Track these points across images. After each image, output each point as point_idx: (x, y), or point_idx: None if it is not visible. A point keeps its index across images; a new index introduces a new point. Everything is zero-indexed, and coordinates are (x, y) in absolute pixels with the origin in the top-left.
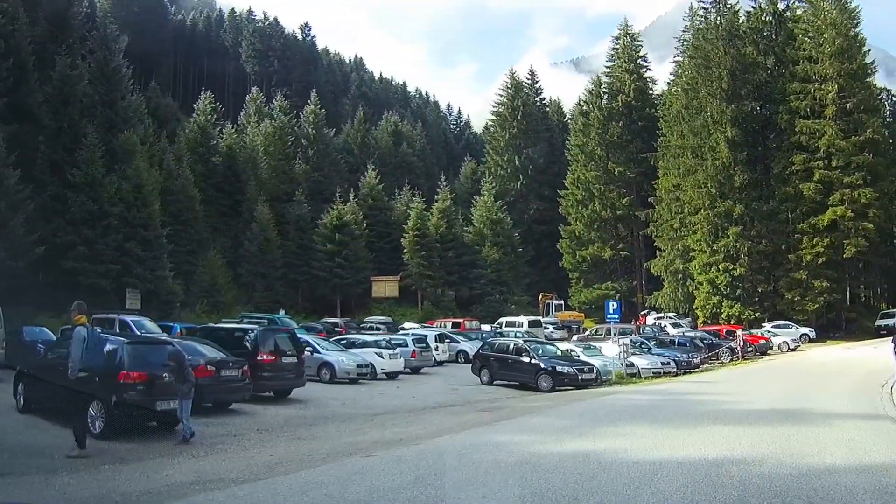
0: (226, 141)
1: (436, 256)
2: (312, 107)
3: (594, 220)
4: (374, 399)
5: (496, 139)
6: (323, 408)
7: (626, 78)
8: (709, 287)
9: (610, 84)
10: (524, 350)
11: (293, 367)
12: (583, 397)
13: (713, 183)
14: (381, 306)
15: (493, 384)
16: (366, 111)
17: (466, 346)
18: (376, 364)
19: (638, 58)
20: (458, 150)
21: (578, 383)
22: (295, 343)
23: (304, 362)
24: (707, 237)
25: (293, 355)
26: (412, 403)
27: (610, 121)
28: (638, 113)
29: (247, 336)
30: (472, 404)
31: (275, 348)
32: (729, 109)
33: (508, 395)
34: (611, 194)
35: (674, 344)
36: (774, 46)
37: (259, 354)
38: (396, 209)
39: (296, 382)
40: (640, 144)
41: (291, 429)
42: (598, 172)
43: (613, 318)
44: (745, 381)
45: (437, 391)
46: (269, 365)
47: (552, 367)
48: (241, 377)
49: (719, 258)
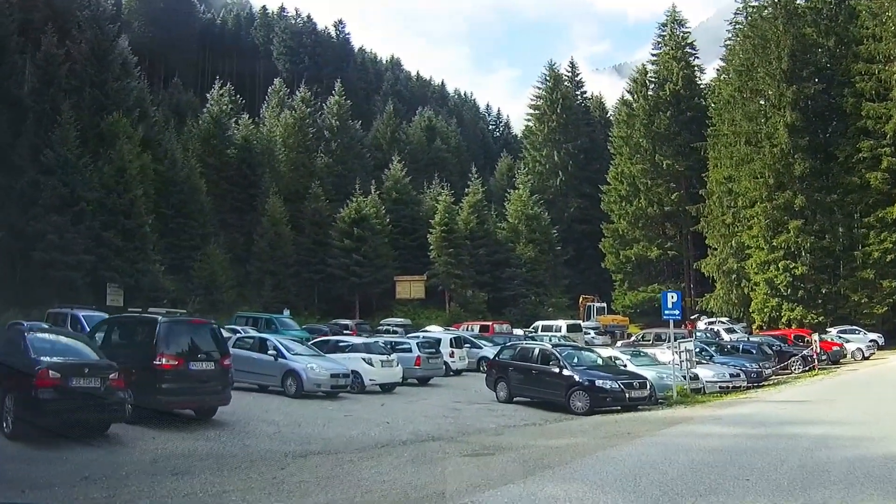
0: (242, 132)
1: (465, 254)
2: (336, 97)
3: (639, 217)
4: (328, 424)
5: (534, 134)
6: (239, 439)
7: (674, 66)
8: (766, 288)
9: (656, 73)
10: (552, 357)
11: (211, 375)
12: (635, 429)
13: (771, 172)
14: (405, 308)
15: (511, 402)
16: (397, 106)
17: (489, 353)
18: (363, 373)
19: (685, 45)
20: (495, 151)
21: (626, 403)
22: (217, 342)
23: (230, 369)
24: (764, 232)
25: (211, 360)
26: (375, 435)
27: (656, 111)
28: (686, 103)
29: (146, 329)
30: (462, 439)
31: (185, 349)
32: (789, 91)
33: (526, 419)
34: (657, 189)
35: (738, 351)
36: (835, 26)
37: (158, 357)
38: (424, 204)
39: (214, 398)
40: (687, 136)
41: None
42: (643, 166)
43: (673, 314)
44: (854, 401)
45: (428, 413)
46: (171, 373)
47: (590, 380)
48: (107, 390)
49: (778, 255)
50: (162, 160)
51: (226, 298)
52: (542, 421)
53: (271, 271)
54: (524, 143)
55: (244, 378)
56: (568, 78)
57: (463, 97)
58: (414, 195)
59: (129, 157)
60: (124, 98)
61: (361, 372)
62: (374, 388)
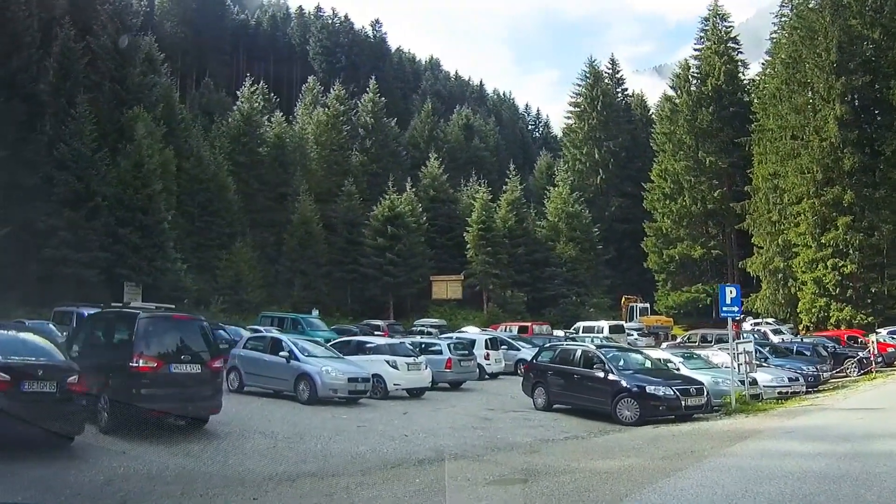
0: (274, 129)
1: (503, 253)
2: (371, 94)
3: (683, 215)
4: (335, 438)
5: (574, 131)
6: (224, 456)
7: (716, 61)
8: (814, 287)
9: (699, 68)
10: (597, 360)
11: (196, 379)
12: (698, 446)
13: (819, 167)
14: (441, 309)
15: (550, 409)
16: (435, 105)
17: (528, 355)
18: (387, 377)
19: (728, 40)
20: (534, 151)
21: (681, 413)
22: (207, 342)
23: (221, 373)
24: (812, 230)
25: (197, 361)
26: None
27: (699, 107)
28: (728, 98)
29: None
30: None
31: (168, 349)
32: (839, 83)
33: (566, 431)
34: (701, 187)
35: (791, 352)
36: (881, 18)
37: (135, 357)
38: (461, 202)
39: (200, 405)
40: (730, 132)
41: None
42: (686, 163)
43: (732, 311)
44: None
45: (455, 423)
46: (149, 376)
47: (639, 386)
48: (63, 395)
49: (826, 253)
50: (188, 157)
51: (252, 298)
52: (585, 433)
53: (302, 271)
54: (564, 141)
55: (255, 382)
56: (608, 75)
57: (502, 97)
58: (451, 193)
59: (149, 151)
60: (147, 93)
61: (384, 376)
62: (401, 394)
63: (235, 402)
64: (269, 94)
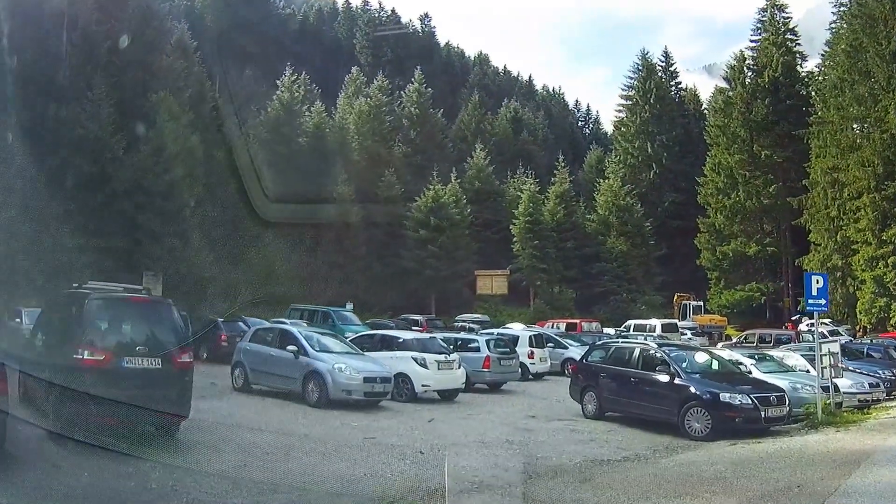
0: (314, 120)
1: (551, 247)
2: (416, 85)
3: (737, 211)
4: (330, 456)
5: (626, 125)
6: (170, 478)
7: (774, 52)
8: (874, 286)
9: (756, 59)
10: (660, 360)
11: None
12: (801, 479)
13: (880, 160)
14: (485, 305)
15: (602, 417)
16: (483, 98)
17: (576, 354)
18: (413, 376)
19: (786, 31)
20: (584, 146)
21: (760, 426)
22: (174, 331)
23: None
24: (872, 226)
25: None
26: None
27: (754, 99)
28: (786, 91)
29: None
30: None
31: (121, 339)
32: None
33: (624, 447)
34: (755, 182)
35: (863, 355)
36: None
37: (80, 349)
38: (508, 195)
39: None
40: (787, 126)
41: None
42: (741, 157)
43: (818, 304)
44: None
45: (488, 435)
46: (94, 372)
47: (712, 393)
48: None
49: (888, 251)
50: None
51: (284, 291)
52: (647, 451)
53: (339, 264)
54: (615, 135)
55: (261, 380)
56: (662, 68)
57: (551, 93)
58: (497, 185)
59: (171, 136)
60: (173, 79)
61: (411, 375)
62: (431, 396)
63: (234, 403)
64: (310, 85)
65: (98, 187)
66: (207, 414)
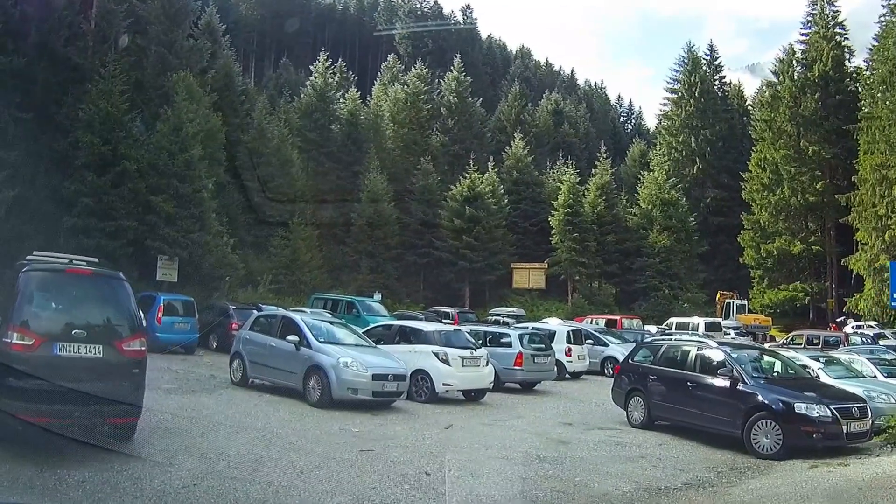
0: (348, 106)
1: (591, 240)
2: (455, 73)
3: (782, 208)
4: (306, 475)
5: (670, 118)
6: (104, 496)
7: (824, 46)
8: None
9: (805, 52)
10: (721, 363)
11: (94, 368)
12: None
13: None
14: (521, 299)
15: (652, 427)
16: (524, 90)
17: (617, 352)
18: (434, 373)
19: (835, 24)
20: (626, 141)
21: (839, 442)
22: (123, 312)
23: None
24: None
25: (97, 340)
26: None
27: (803, 93)
28: (835, 86)
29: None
30: None
31: (58, 321)
32: None
33: (682, 467)
34: (802, 178)
35: None
36: None
37: (8, 329)
38: (547, 186)
39: (105, 410)
40: (836, 122)
41: None
42: (787, 152)
43: None
44: None
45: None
46: (21, 359)
47: (784, 402)
48: None
49: None
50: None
51: (309, 279)
52: (709, 473)
53: (369, 252)
54: (659, 128)
55: (260, 374)
56: (707, 62)
57: (593, 87)
58: (536, 176)
59: (189, 115)
60: (196, 59)
61: (431, 372)
62: (454, 396)
63: (223, 400)
64: (346, 72)
65: (109, 167)
66: (187, 412)
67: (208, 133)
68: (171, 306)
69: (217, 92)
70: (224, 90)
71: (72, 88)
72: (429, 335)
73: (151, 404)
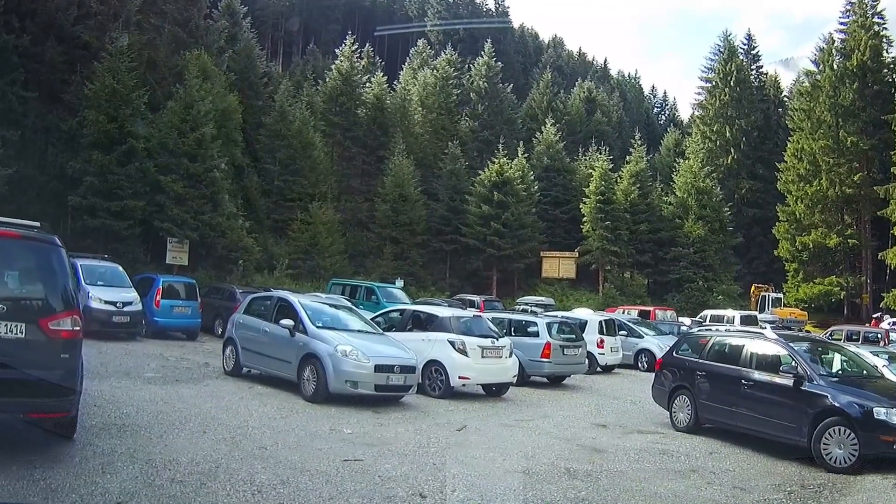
0: (374, 90)
1: (623, 229)
2: (486, 58)
3: (819, 199)
4: (272, 494)
5: (705, 107)
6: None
7: (862, 35)
8: None
9: (844, 42)
10: (783, 359)
11: (16, 352)
12: None
13: None
14: (551, 288)
15: (699, 431)
16: (556, 78)
17: (652, 344)
18: (449, 365)
19: (874, 13)
20: (659, 132)
21: None
22: (55, 282)
23: (76, 340)
24: None
25: (20, 318)
26: None
27: (842, 83)
28: (872, 76)
29: None
30: None
31: None
32: None
33: (742, 485)
34: (840, 169)
35: None
36: None
37: None
38: (579, 173)
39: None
40: (874, 112)
41: None
42: (825, 143)
43: None
44: None
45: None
46: None
47: (861, 406)
48: None
49: None
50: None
51: (329, 265)
52: (779, 494)
53: (393, 238)
54: (694, 117)
55: (254, 362)
56: (743, 51)
57: (626, 77)
58: (567, 163)
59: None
60: (213, 39)
61: (446, 363)
62: (473, 390)
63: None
64: (373, 57)
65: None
66: (156, 406)
67: (224, 113)
68: (171, 289)
69: (237, 73)
70: (245, 72)
71: (80, 67)
72: (444, 322)
73: (120, 395)
